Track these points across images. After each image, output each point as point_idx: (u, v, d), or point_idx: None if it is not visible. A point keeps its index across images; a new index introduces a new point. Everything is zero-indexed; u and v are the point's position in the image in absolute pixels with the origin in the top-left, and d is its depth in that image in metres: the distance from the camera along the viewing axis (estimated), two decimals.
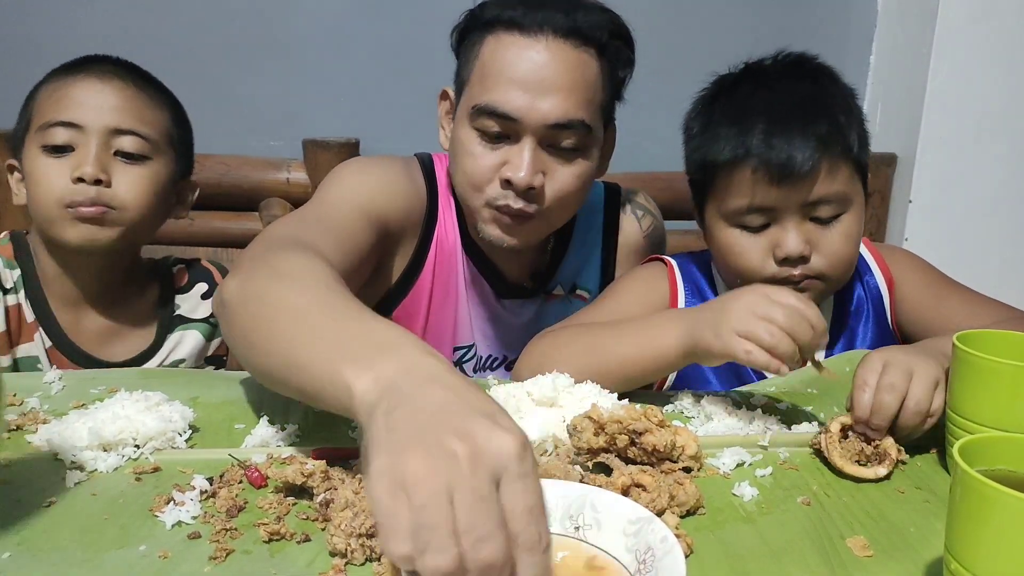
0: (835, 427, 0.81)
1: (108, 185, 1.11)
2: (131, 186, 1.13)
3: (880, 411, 0.80)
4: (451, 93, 1.15)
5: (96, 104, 1.12)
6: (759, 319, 0.83)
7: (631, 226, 1.31)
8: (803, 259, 1.01)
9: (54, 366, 1.13)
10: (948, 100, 1.84)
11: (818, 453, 0.82)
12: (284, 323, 0.70)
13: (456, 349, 1.24)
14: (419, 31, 1.85)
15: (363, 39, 1.87)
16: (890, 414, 0.80)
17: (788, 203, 1.00)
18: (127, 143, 1.13)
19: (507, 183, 1.05)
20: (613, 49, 1.09)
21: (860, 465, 0.80)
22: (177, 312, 1.26)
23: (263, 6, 1.84)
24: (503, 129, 1.05)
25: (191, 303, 1.27)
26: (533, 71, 1.03)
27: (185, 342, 1.25)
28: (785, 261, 1.01)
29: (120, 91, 1.14)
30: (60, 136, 1.11)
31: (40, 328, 1.17)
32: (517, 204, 1.06)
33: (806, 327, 0.82)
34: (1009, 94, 1.84)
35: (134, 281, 1.24)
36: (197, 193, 1.28)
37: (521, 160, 1.04)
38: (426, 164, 1.21)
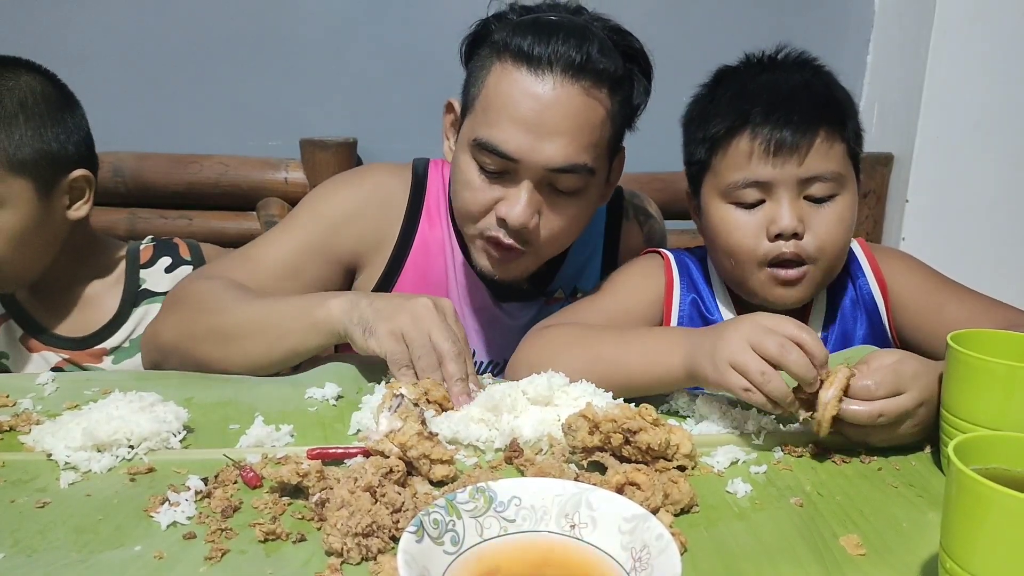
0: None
1: None
2: None
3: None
4: (456, 106, 1.13)
5: None
6: (752, 350, 0.80)
7: (633, 230, 1.31)
8: (796, 236, 1.00)
9: (21, 354, 1.17)
10: (945, 100, 1.84)
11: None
12: (246, 316, 1.00)
13: None
14: (417, 31, 1.85)
15: (361, 39, 1.87)
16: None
17: (784, 177, 1.00)
18: None
19: (502, 220, 1.04)
20: (628, 82, 1.06)
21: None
22: (143, 287, 1.27)
23: (262, 6, 1.84)
24: (502, 167, 1.03)
25: (155, 277, 1.28)
26: (537, 112, 0.99)
27: (150, 315, 1.25)
28: (779, 238, 1.00)
29: None
30: None
31: (10, 320, 1.21)
32: (508, 240, 1.05)
33: (800, 358, 0.79)
34: (1006, 94, 1.84)
35: (87, 262, 1.25)
36: (95, 185, 1.21)
37: (517, 201, 1.02)
38: (419, 172, 1.21)
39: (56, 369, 1.19)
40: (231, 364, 1.00)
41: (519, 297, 1.23)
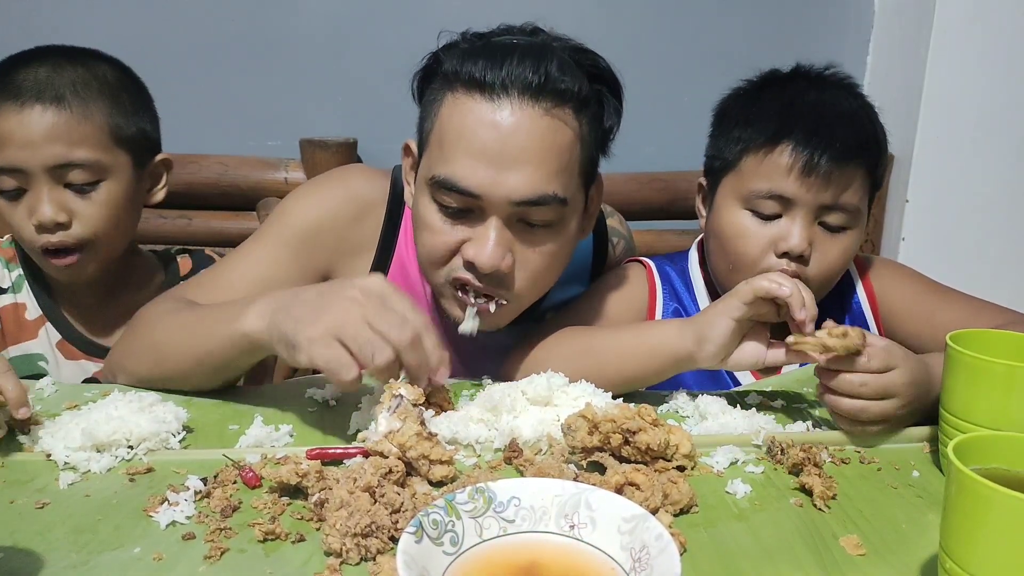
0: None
1: (69, 225, 1.09)
2: (92, 218, 1.10)
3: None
4: (413, 147, 1.05)
5: (27, 139, 1.05)
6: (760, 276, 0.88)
7: (611, 253, 1.27)
8: (801, 259, 1.02)
9: (58, 359, 1.16)
10: (945, 100, 1.84)
11: None
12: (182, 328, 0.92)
13: None
14: (417, 31, 1.84)
15: (361, 39, 1.87)
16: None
17: (808, 199, 1.01)
18: (75, 176, 1.08)
19: (470, 264, 0.95)
20: (595, 101, 0.98)
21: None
22: None
23: (262, 6, 1.84)
24: (464, 205, 0.94)
25: None
26: (496, 141, 0.91)
27: None
28: (785, 256, 1.02)
29: (42, 117, 1.05)
30: (7, 183, 1.08)
31: (48, 323, 1.19)
32: (479, 284, 0.96)
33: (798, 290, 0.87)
34: (1006, 94, 1.84)
35: (134, 271, 1.24)
36: (171, 168, 1.24)
37: (486, 241, 0.93)
38: (398, 182, 1.12)
39: (92, 380, 1.17)
40: (173, 384, 0.94)
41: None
